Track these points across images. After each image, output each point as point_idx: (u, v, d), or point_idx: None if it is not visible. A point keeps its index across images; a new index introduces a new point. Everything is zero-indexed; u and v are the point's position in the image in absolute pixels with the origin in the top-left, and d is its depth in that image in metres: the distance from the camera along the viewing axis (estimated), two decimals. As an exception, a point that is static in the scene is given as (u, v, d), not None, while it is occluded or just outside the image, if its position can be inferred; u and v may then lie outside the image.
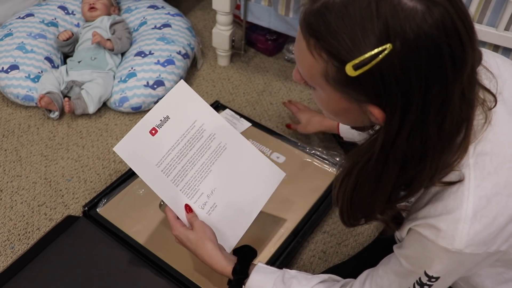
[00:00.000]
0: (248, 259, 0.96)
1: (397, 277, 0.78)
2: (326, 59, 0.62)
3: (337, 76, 0.62)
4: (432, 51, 0.57)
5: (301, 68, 0.69)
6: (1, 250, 1.24)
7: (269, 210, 1.07)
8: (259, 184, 1.07)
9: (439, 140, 0.63)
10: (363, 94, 0.62)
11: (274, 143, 1.44)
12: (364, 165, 0.68)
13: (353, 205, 0.74)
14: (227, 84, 1.76)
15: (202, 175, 1.02)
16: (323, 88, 0.67)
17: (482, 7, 1.32)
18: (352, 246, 1.28)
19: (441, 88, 0.59)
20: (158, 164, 0.99)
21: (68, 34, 1.70)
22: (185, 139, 1.02)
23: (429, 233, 0.69)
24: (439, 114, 0.61)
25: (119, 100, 1.59)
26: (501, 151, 0.67)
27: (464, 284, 0.88)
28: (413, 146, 0.63)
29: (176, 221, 0.98)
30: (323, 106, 0.73)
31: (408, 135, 0.62)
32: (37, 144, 1.51)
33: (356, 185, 0.71)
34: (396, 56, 0.57)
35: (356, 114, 0.67)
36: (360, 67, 0.58)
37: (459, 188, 0.67)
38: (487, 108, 0.68)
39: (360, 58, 0.58)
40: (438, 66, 0.58)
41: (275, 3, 1.60)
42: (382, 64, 0.57)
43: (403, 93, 0.59)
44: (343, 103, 0.67)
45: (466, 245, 0.66)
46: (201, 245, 0.95)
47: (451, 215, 0.66)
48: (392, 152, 0.64)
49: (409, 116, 0.61)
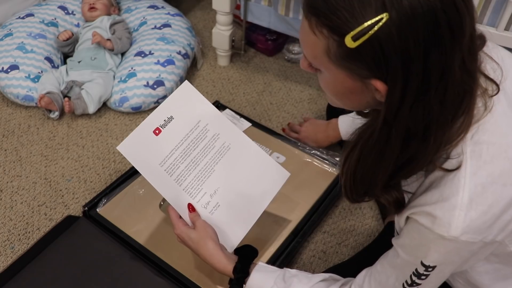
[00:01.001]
0: (249, 258, 0.96)
1: (394, 269, 0.79)
2: (327, 35, 0.64)
3: (338, 51, 0.63)
4: (428, 18, 0.59)
5: (306, 50, 0.70)
6: (1, 250, 1.24)
7: (269, 210, 1.07)
8: (263, 184, 1.07)
9: (442, 112, 0.64)
10: (364, 67, 0.63)
11: (274, 143, 1.44)
12: (368, 138, 0.70)
13: (355, 179, 0.75)
14: (227, 84, 1.76)
15: (205, 174, 1.03)
16: (327, 67, 0.68)
17: (482, 7, 1.32)
18: (352, 246, 1.28)
19: (440, 55, 0.61)
20: (161, 163, 1.00)
21: (68, 34, 1.71)
22: (189, 139, 1.03)
23: (426, 220, 0.69)
24: (441, 83, 0.62)
25: (119, 100, 1.59)
26: (497, 140, 0.68)
27: (463, 281, 0.89)
28: (416, 118, 0.64)
29: (179, 220, 0.99)
30: (329, 88, 0.74)
31: (411, 106, 0.63)
32: (37, 144, 1.51)
33: (360, 159, 0.72)
34: (393, 25, 0.58)
35: (361, 93, 0.69)
36: (359, 38, 0.60)
37: (456, 175, 0.68)
38: (488, 96, 0.69)
39: (358, 29, 0.60)
40: (435, 33, 0.60)
41: (275, 3, 1.60)
42: (380, 34, 0.59)
43: (403, 62, 0.60)
44: (347, 81, 0.68)
45: (461, 232, 0.67)
46: (203, 244, 0.95)
47: (447, 203, 0.67)
48: (395, 124, 0.65)
49: (411, 86, 0.62)
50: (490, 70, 0.72)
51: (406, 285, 0.77)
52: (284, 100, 1.69)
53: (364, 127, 0.72)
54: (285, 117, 1.63)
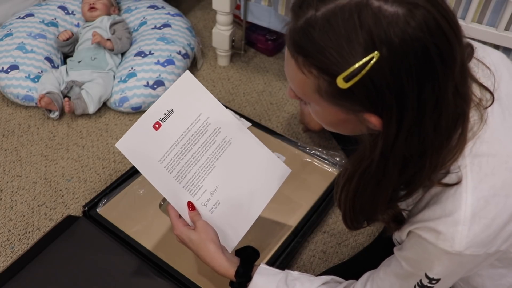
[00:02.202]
0: (251, 261, 0.95)
1: (398, 279, 0.78)
2: (316, 75, 0.62)
3: (329, 89, 0.62)
4: (420, 53, 0.58)
5: (294, 86, 0.69)
6: (1, 250, 1.24)
7: (269, 210, 1.06)
8: (264, 180, 1.04)
9: (436, 137, 0.64)
10: (358, 104, 0.62)
11: (274, 143, 1.44)
12: (365, 170, 0.69)
13: (355, 210, 0.74)
14: (227, 84, 1.76)
15: (205, 171, 1.00)
16: (318, 102, 0.67)
17: (482, 7, 1.32)
18: (352, 246, 1.28)
19: (433, 87, 0.60)
20: (161, 160, 0.97)
21: (68, 34, 1.71)
22: (189, 134, 0.99)
23: (429, 235, 0.69)
24: (435, 112, 0.62)
25: (119, 100, 1.59)
26: (497, 151, 0.68)
27: (465, 284, 0.88)
28: (412, 146, 0.63)
29: (178, 220, 0.97)
30: (321, 119, 0.73)
31: (406, 136, 0.62)
32: (37, 144, 1.51)
33: (357, 190, 0.71)
34: (385, 62, 0.57)
35: (354, 123, 0.67)
36: (351, 79, 0.58)
37: (457, 190, 0.67)
38: (483, 107, 0.68)
39: (349, 70, 0.58)
40: (428, 66, 0.59)
41: (275, 3, 1.60)
42: (372, 73, 0.58)
43: (397, 97, 0.59)
44: (340, 115, 0.67)
45: (466, 247, 0.66)
46: (203, 247, 0.94)
47: (450, 218, 0.66)
48: (392, 156, 0.64)
49: (406, 119, 0.61)
50: (483, 78, 0.71)
51: None
52: (284, 100, 1.69)
53: (358, 157, 0.71)
54: (285, 117, 1.63)
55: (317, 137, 1.54)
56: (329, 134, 1.52)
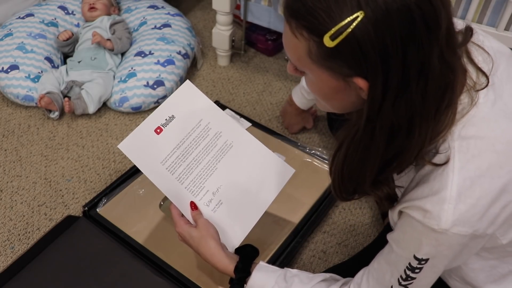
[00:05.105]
0: (250, 258, 0.96)
1: (389, 266, 0.79)
2: (307, 37, 0.65)
3: (319, 51, 0.65)
4: (403, 14, 0.60)
5: (289, 53, 0.72)
6: (1, 250, 1.24)
7: (269, 210, 1.06)
8: (267, 181, 1.06)
9: (424, 105, 0.65)
10: (345, 66, 0.65)
11: (274, 143, 1.44)
12: (353, 137, 0.71)
13: (343, 177, 0.76)
14: (227, 84, 1.76)
15: (207, 173, 1.02)
16: (311, 69, 0.69)
17: (482, 7, 1.32)
18: (352, 246, 1.28)
19: (418, 50, 0.62)
20: (162, 162, 1.00)
21: (68, 34, 1.71)
22: (190, 138, 1.02)
23: (417, 214, 0.71)
24: (421, 77, 0.63)
25: (119, 100, 1.59)
26: (485, 134, 0.69)
27: (459, 278, 0.89)
28: (399, 113, 0.65)
29: (180, 218, 0.99)
30: (315, 90, 0.75)
31: (393, 102, 0.64)
32: (37, 144, 1.51)
33: (346, 157, 0.74)
34: (369, 22, 0.60)
35: (345, 93, 0.70)
36: (337, 37, 0.61)
37: (444, 170, 0.69)
38: (474, 90, 0.70)
39: (335, 28, 0.61)
40: (411, 29, 0.61)
41: (275, 3, 1.60)
42: (356, 31, 0.60)
43: (381, 58, 0.61)
44: (331, 81, 0.69)
45: (451, 225, 0.68)
46: (204, 243, 0.95)
47: (437, 196, 0.69)
48: (379, 120, 0.66)
49: (391, 82, 0.63)
50: (482, 62, 0.73)
51: (401, 280, 0.78)
52: (284, 100, 1.69)
53: (348, 126, 0.73)
54: (285, 117, 1.63)
55: (317, 137, 1.54)
56: (329, 134, 1.52)
